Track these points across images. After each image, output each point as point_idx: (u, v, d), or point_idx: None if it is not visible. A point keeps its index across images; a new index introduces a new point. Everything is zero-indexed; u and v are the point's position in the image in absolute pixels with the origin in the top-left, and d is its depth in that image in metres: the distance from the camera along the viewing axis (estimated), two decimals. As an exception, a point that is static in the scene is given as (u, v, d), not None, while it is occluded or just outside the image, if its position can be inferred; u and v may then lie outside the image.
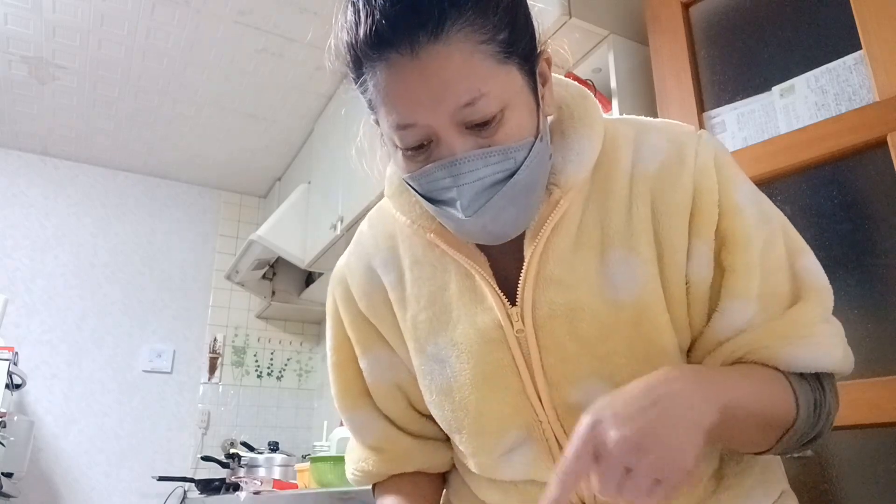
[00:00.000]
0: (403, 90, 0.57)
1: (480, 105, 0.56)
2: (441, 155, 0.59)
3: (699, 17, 1.37)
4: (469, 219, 0.59)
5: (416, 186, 0.62)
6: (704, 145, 0.67)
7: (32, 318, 2.94)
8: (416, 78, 0.56)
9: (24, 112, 2.83)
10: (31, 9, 2.22)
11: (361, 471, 0.81)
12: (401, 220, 0.72)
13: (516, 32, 0.59)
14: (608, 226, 0.66)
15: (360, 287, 0.77)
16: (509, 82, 0.58)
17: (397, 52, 0.56)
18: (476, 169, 0.58)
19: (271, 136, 3.05)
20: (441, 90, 0.56)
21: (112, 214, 3.26)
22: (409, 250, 0.74)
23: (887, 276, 1.02)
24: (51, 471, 2.81)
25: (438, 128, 0.57)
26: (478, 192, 0.58)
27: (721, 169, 0.66)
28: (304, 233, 2.77)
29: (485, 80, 0.56)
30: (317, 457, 2.07)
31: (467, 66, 0.56)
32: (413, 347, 0.74)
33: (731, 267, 0.64)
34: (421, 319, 0.72)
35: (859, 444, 1.04)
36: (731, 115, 1.26)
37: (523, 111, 0.60)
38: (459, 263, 0.69)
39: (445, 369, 0.70)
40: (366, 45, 0.57)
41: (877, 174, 1.05)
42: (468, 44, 0.56)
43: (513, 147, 0.58)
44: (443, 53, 0.55)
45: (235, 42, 2.41)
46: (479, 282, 0.68)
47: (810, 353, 0.62)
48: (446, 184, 0.59)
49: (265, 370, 3.38)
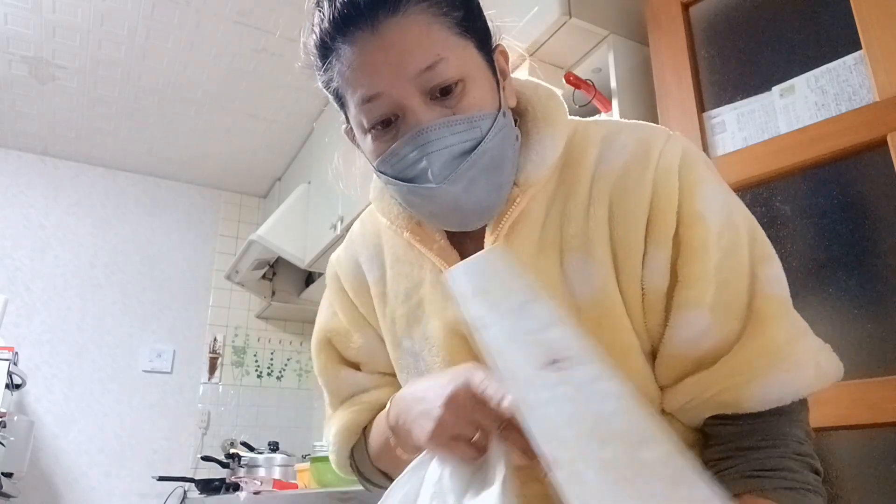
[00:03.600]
0: (367, 62, 0.60)
1: (440, 69, 0.59)
2: (408, 128, 0.61)
3: (699, 17, 1.37)
4: (440, 186, 0.60)
5: (388, 169, 0.64)
6: (671, 146, 0.65)
7: (32, 318, 2.94)
8: (378, 49, 0.59)
9: (24, 112, 2.83)
10: (31, 9, 2.22)
11: (360, 403, 0.79)
12: (382, 221, 0.75)
13: (471, 14, 0.64)
14: (567, 229, 0.66)
15: (350, 280, 0.82)
16: (467, 56, 0.62)
17: (360, 30, 0.59)
18: (443, 137, 0.60)
19: (271, 136, 3.05)
20: (401, 56, 0.59)
21: (112, 214, 3.26)
22: (391, 249, 0.77)
23: (887, 276, 1.02)
24: (51, 471, 2.81)
25: (402, 97, 0.60)
26: (446, 160, 0.60)
27: (686, 172, 0.64)
28: (304, 233, 2.77)
29: (444, 46, 0.60)
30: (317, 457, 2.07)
31: (425, 35, 0.59)
32: (390, 342, 0.77)
33: (684, 278, 0.62)
34: (398, 314, 0.75)
35: (859, 444, 1.04)
36: (731, 115, 1.26)
37: (484, 85, 0.63)
38: (433, 262, 0.71)
39: (419, 363, 0.73)
40: (331, 30, 0.61)
41: (877, 174, 1.04)
42: (425, 16, 0.60)
43: (476, 115, 0.61)
44: (402, 24, 0.59)
45: (235, 42, 2.41)
46: None
47: (782, 385, 0.59)
48: (415, 156, 0.60)
49: (265, 370, 3.38)
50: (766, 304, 0.62)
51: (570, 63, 1.56)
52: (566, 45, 1.50)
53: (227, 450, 2.97)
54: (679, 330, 0.62)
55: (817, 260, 1.09)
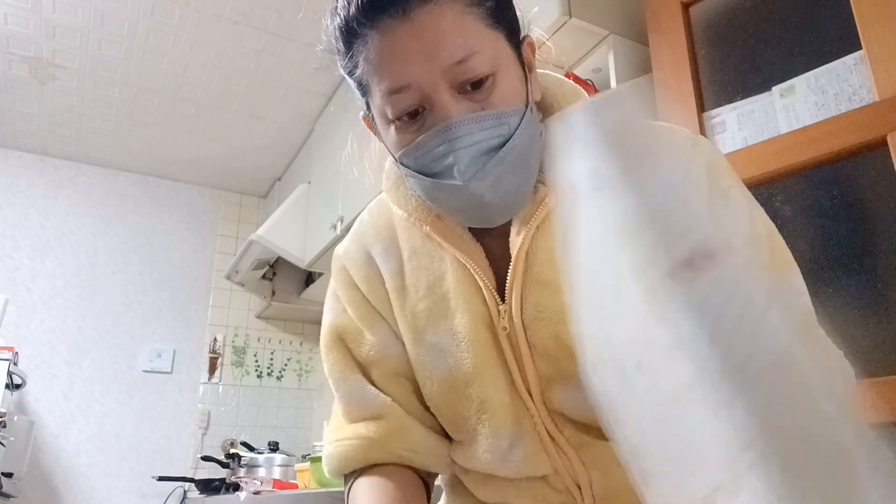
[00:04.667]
0: (397, 51, 0.57)
1: (473, 62, 0.57)
2: (435, 121, 0.58)
3: (699, 17, 1.37)
4: (467, 184, 0.58)
5: (411, 162, 0.62)
6: (699, 154, 0.66)
7: (32, 318, 2.94)
8: (409, 37, 0.57)
9: (24, 112, 2.83)
10: (31, 9, 2.22)
11: (360, 437, 0.72)
12: (398, 213, 0.72)
13: (503, 3, 0.61)
14: None
15: (361, 272, 0.77)
16: (499, 47, 0.60)
17: (389, 17, 0.57)
18: (471, 133, 0.58)
19: (271, 136, 3.05)
20: (433, 47, 0.56)
21: (112, 214, 3.26)
22: (407, 241, 0.74)
23: (887, 276, 1.02)
24: (51, 471, 2.81)
25: (432, 89, 0.58)
26: (474, 156, 0.58)
27: (714, 182, 0.65)
28: (304, 233, 2.77)
29: (477, 39, 0.58)
30: (317, 457, 2.07)
31: (459, 24, 0.57)
32: (411, 338, 0.73)
33: None
34: (420, 308, 0.72)
35: (859, 444, 1.04)
36: (731, 115, 1.26)
37: (514, 78, 0.61)
38: (454, 255, 0.69)
39: (446, 359, 0.70)
40: (359, 15, 0.59)
41: (877, 174, 1.04)
42: (459, 4, 0.57)
43: (506, 111, 0.59)
44: (435, 12, 0.57)
45: (235, 42, 2.41)
46: (474, 274, 0.68)
47: None
48: (442, 150, 0.58)
49: (265, 370, 3.38)
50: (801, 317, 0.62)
51: (570, 63, 1.56)
52: (566, 45, 1.51)
53: (227, 450, 2.97)
54: None
55: (817, 260, 1.09)
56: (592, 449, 0.67)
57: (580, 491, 0.68)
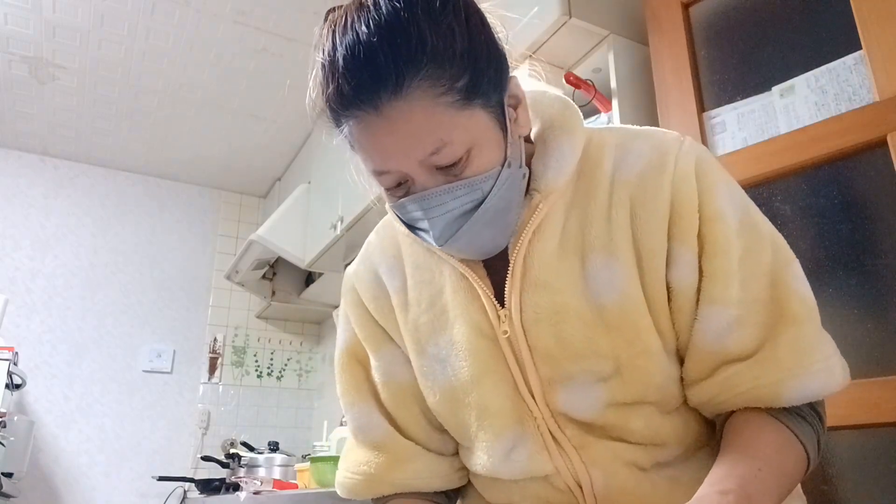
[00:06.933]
0: (374, 143, 0.61)
1: (445, 152, 0.59)
2: (416, 190, 0.63)
3: (699, 17, 1.37)
4: (442, 247, 0.64)
5: (399, 215, 0.67)
6: (686, 152, 0.68)
7: (32, 318, 2.94)
8: (383, 132, 0.59)
9: (24, 112, 2.83)
10: (31, 9, 2.22)
11: (361, 473, 0.78)
12: (401, 229, 0.74)
13: (477, 74, 0.60)
14: (589, 231, 0.68)
15: (369, 292, 0.81)
16: (472, 126, 0.61)
17: (362, 111, 0.59)
18: (444, 203, 0.62)
19: (271, 136, 3.05)
20: (406, 143, 0.59)
21: (112, 214, 3.26)
22: (410, 256, 0.77)
23: (887, 276, 1.02)
24: (51, 471, 2.81)
25: (410, 171, 0.61)
26: (448, 222, 0.63)
27: (702, 175, 0.67)
28: (304, 233, 2.77)
29: (448, 130, 0.59)
30: (317, 457, 2.07)
31: (429, 120, 0.58)
32: (414, 350, 0.76)
33: (709, 273, 0.65)
34: (422, 321, 0.75)
35: (859, 444, 1.05)
36: (731, 115, 1.26)
37: (490, 146, 0.62)
38: (454, 266, 0.72)
39: (446, 368, 0.72)
40: (334, 104, 0.61)
41: (877, 174, 1.05)
42: (428, 97, 0.58)
43: (478, 179, 0.61)
44: (405, 109, 0.58)
45: (235, 42, 2.41)
46: (472, 283, 0.70)
47: (818, 383, 0.62)
48: (418, 215, 0.63)
49: (265, 370, 3.38)
50: (799, 304, 0.64)
51: (570, 63, 1.56)
52: (566, 45, 1.50)
53: (227, 450, 2.97)
54: (707, 323, 0.65)
55: (817, 260, 1.09)
56: (593, 449, 0.69)
57: (581, 490, 0.70)
